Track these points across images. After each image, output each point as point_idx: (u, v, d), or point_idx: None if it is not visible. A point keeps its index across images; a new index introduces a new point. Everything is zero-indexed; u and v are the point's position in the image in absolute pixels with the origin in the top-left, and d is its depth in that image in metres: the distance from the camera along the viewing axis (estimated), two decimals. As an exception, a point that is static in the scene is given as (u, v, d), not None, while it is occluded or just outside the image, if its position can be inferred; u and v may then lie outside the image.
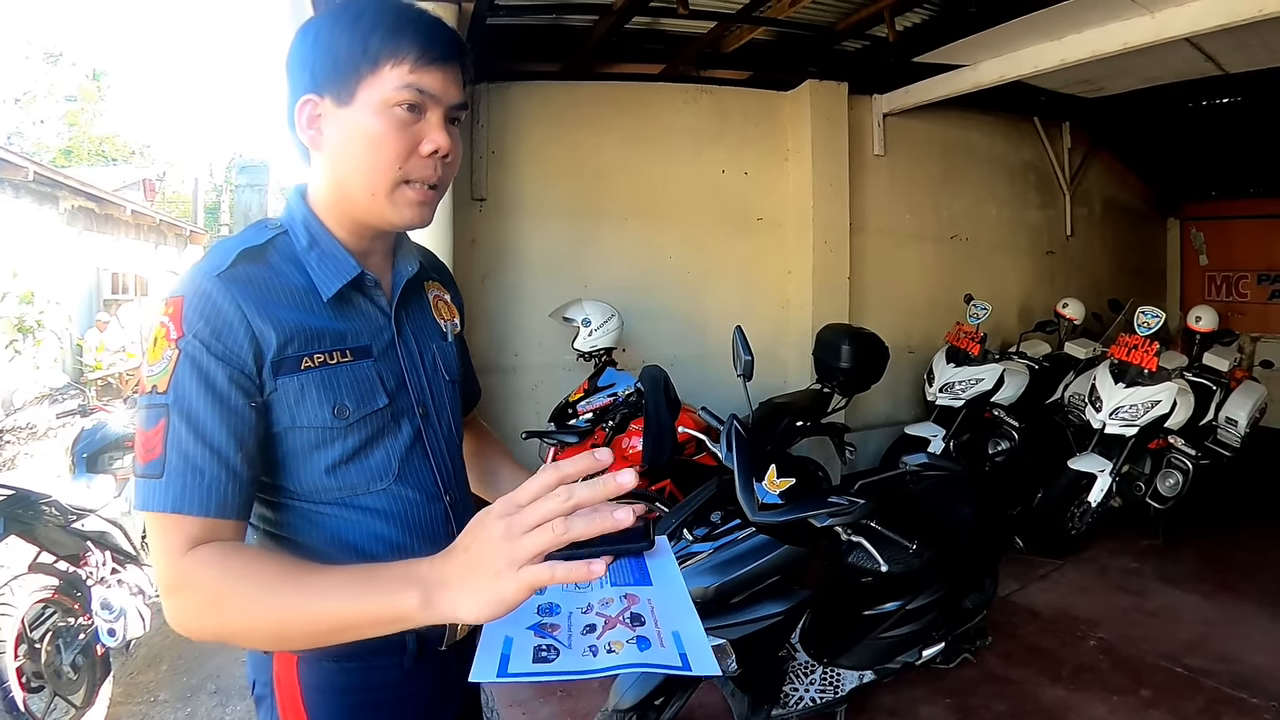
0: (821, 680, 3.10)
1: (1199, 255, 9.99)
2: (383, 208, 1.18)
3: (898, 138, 6.87)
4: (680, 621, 1.04)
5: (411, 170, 1.16)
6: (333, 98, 1.15)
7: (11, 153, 11.89)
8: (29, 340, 11.36)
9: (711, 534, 2.81)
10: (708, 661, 0.96)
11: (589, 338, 5.02)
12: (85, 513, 3.68)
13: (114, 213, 15.02)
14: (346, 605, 0.96)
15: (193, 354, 1.06)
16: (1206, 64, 5.82)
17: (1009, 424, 6.03)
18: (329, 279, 1.20)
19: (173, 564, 1.03)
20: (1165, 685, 3.66)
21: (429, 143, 1.15)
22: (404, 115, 1.13)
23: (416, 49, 1.12)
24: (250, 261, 1.15)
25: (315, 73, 1.16)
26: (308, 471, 1.18)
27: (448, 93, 1.16)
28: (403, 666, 1.27)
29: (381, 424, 1.23)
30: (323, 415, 1.16)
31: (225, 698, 3.88)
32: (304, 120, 1.19)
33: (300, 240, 1.21)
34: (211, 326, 1.07)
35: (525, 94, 5.73)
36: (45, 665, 3.34)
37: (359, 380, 1.21)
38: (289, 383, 1.14)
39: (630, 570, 1.19)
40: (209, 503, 1.04)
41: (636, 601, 1.09)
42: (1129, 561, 5.15)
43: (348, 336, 1.21)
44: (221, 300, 1.09)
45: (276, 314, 1.13)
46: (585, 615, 1.06)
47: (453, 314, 1.48)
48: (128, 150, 31.35)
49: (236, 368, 1.09)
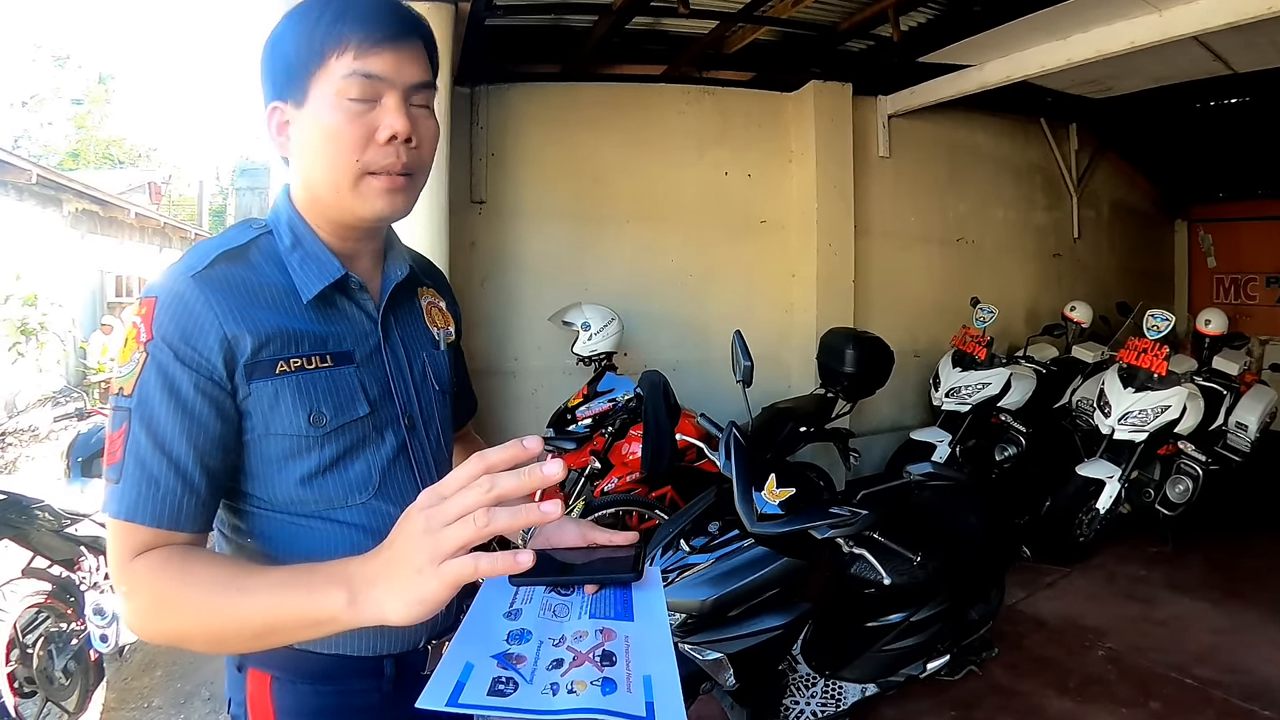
0: (823, 693, 3.06)
1: (1207, 257, 9.96)
2: (349, 201, 1.13)
3: (903, 139, 6.83)
4: (655, 664, 0.98)
5: (371, 160, 1.10)
6: (292, 101, 1.12)
7: (15, 155, 11.91)
8: (32, 343, 11.40)
9: (710, 544, 2.78)
10: (675, 711, 0.90)
11: (589, 342, 4.99)
12: (79, 517, 3.67)
13: (118, 216, 15.05)
14: (275, 605, 0.93)
15: (160, 358, 1.04)
16: (1215, 63, 5.78)
17: (1016, 429, 5.97)
18: (310, 280, 1.16)
19: (121, 569, 1.02)
20: (1174, 697, 3.61)
21: (385, 129, 1.09)
22: (355, 105, 1.08)
23: (359, 33, 1.07)
24: (229, 262, 1.11)
25: (274, 80, 1.14)
26: (282, 481, 1.14)
27: (401, 73, 1.10)
28: (380, 691, 1.24)
29: (362, 434, 1.19)
30: (298, 422, 1.12)
31: (219, 704, 3.84)
32: (274, 128, 1.16)
33: (284, 240, 1.18)
34: (181, 329, 1.04)
35: (525, 95, 5.71)
36: (38, 670, 3.33)
37: (338, 387, 1.16)
38: (263, 387, 1.10)
39: (614, 602, 1.14)
40: (161, 515, 1.02)
41: (612, 638, 1.03)
42: (1138, 569, 5.11)
43: (329, 340, 1.17)
44: (194, 301, 1.06)
45: (253, 315, 1.09)
46: (556, 648, 1.01)
47: (447, 322, 1.43)
48: (135, 153, 31.54)
49: (204, 375, 1.05)
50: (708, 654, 2.63)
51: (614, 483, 4.40)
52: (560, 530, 1.30)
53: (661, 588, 1.17)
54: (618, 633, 1.05)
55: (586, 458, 4.40)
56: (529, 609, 1.12)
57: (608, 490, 4.39)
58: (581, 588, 1.16)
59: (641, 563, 1.18)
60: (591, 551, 1.24)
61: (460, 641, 1.01)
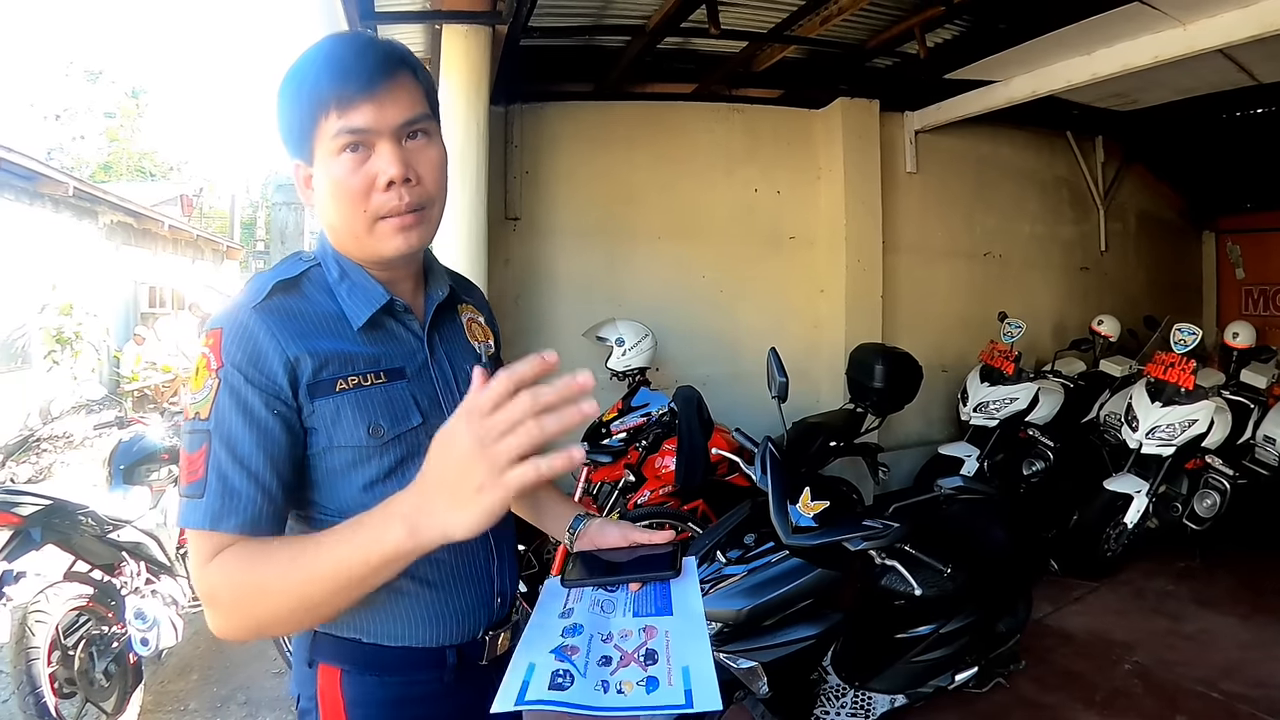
0: (853, 704, 3.10)
1: (1235, 269, 9.85)
2: (369, 246, 1.23)
3: (929, 154, 6.85)
4: (692, 654, 1.11)
5: (378, 207, 1.19)
6: (304, 160, 1.23)
7: (52, 168, 12.11)
8: (67, 351, 11.58)
9: (745, 556, 2.83)
10: (711, 697, 1.03)
11: (623, 357, 5.05)
12: (121, 524, 3.75)
13: (152, 228, 15.26)
14: (345, 558, 1.01)
15: (232, 382, 1.14)
16: (1240, 75, 5.78)
17: (1044, 444, 5.96)
18: (359, 308, 1.26)
19: (201, 574, 1.12)
20: (1200, 711, 3.62)
21: (382, 175, 1.17)
22: (350, 158, 1.17)
23: (333, 95, 1.15)
24: (285, 293, 1.22)
25: (286, 140, 1.24)
26: (346, 489, 1.24)
27: (385, 118, 1.17)
28: (443, 681, 1.32)
29: (417, 442, 1.26)
30: (358, 434, 1.22)
31: (255, 709, 3.92)
32: (300, 182, 1.27)
33: (331, 272, 1.28)
34: (248, 355, 1.15)
35: (558, 114, 5.79)
36: (78, 672, 3.40)
37: (393, 401, 1.26)
38: (325, 404, 1.20)
39: (654, 597, 1.26)
40: (244, 522, 1.12)
41: (654, 635, 1.16)
42: (1165, 584, 5.09)
43: (381, 359, 1.27)
44: (257, 331, 1.16)
45: (311, 341, 1.19)
46: (604, 644, 1.14)
47: (487, 336, 1.53)
48: (166, 166, 31.88)
49: (272, 393, 1.15)
50: (742, 662, 2.68)
51: (647, 495, 4.45)
52: (603, 532, 1.43)
53: (696, 577, 1.28)
54: (658, 629, 1.16)
55: (621, 471, 4.44)
56: (580, 606, 1.25)
57: (641, 503, 4.44)
58: (625, 585, 1.28)
59: (679, 560, 1.30)
60: (633, 551, 1.36)
61: (523, 646, 1.15)
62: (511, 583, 1.44)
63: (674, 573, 1.28)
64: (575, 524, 1.50)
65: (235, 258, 22.89)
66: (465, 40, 4.29)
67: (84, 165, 27.89)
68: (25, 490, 3.56)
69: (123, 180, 26.06)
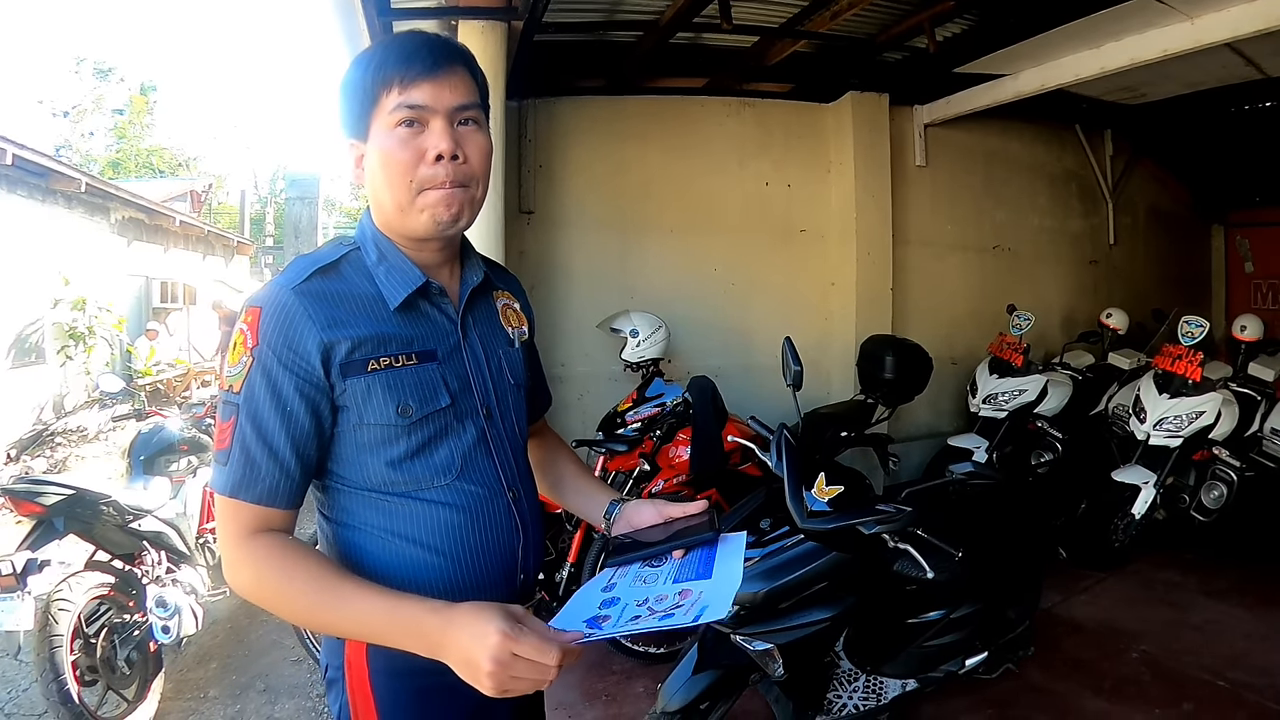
0: (865, 688, 3.14)
1: (1244, 262, 9.81)
2: (411, 217, 1.30)
3: (939, 148, 6.85)
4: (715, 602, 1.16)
5: (424, 178, 1.27)
6: (359, 138, 1.31)
7: (65, 165, 12.18)
8: (80, 346, 11.66)
9: (761, 540, 2.88)
10: (720, 608, 1.12)
11: (637, 348, 5.07)
12: (142, 513, 3.82)
13: (163, 223, 15.34)
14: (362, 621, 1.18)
15: (265, 362, 1.22)
16: (1247, 68, 5.77)
17: (1052, 435, 5.97)
18: (396, 289, 1.32)
19: (232, 547, 1.23)
20: (1207, 699, 3.67)
21: (431, 149, 1.26)
22: (405, 132, 1.26)
23: (399, 72, 1.25)
24: (324, 276, 1.29)
25: (345, 121, 1.33)
26: (374, 465, 1.30)
27: (442, 99, 1.27)
28: None
29: (445, 423, 1.34)
30: (388, 413, 1.28)
31: (274, 696, 3.98)
32: (353, 162, 1.35)
33: (370, 255, 1.34)
34: (284, 336, 1.22)
35: (572, 109, 5.83)
36: (100, 660, 3.47)
37: (423, 382, 1.32)
38: (357, 384, 1.26)
39: (698, 564, 1.30)
40: (261, 494, 1.22)
41: (688, 596, 1.21)
42: (1173, 574, 5.14)
43: (414, 341, 1.33)
44: (295, 311, 1.23)
45: (347, 322, 1.26)
46: (638, 608, 1.19)
47: (521, 322, 1.58)
48: (175, 162, 31.93)
49: (303, 377, 1.23)
50: (758, 644, 2.71)
51: (661, 484, 4.49)
52: (638, 512, 1.50)
53: (742, 551, 1.32)
54: (693, 591, 1.21)
55: (636, 460, 4.48)
56: (623, 582, 1.29)
57: (655, 492, 4.47)
58: (670, 555, 1.33)
59: (718, 522, 1.35)
60: (670, 526, 1.42)
61: (558, 619, 1.19)
62: (536, 561, 1.48)
63: (713, 535, 1.33)
64: (610, 509, 1.57)
65: (246, 253, 22.96)
66: (481, 36, 4.32)
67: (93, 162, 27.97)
68: (48, 480, 3.62)
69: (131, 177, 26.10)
